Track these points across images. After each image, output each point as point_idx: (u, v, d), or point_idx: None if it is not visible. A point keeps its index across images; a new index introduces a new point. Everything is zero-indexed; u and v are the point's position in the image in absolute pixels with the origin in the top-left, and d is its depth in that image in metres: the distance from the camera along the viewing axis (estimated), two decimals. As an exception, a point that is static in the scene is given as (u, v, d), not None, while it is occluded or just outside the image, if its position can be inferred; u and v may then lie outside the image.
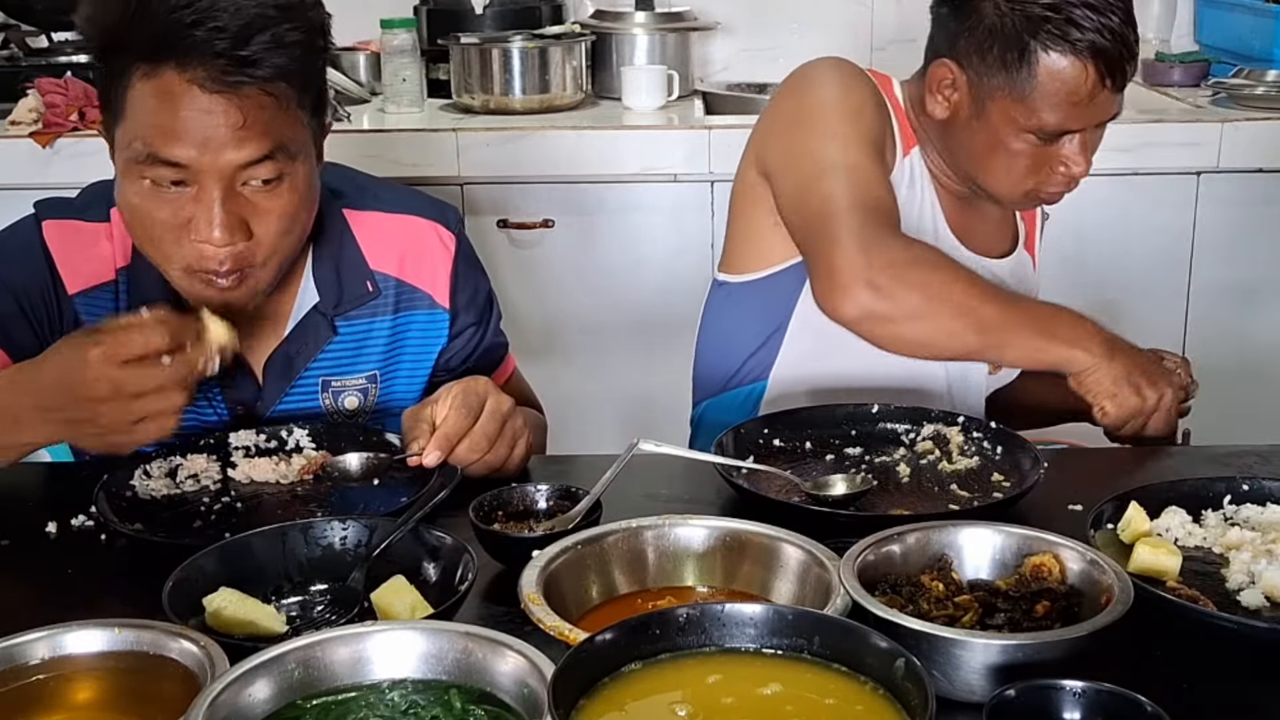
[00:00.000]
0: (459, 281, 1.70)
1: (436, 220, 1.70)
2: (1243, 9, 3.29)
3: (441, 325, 1.70)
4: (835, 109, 1.76)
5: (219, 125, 1.39)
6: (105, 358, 1.31)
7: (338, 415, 1.66)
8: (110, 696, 1.08)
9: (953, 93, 1.76)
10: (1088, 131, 1.73)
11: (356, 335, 1.65)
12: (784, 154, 1.79)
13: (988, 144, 1.74)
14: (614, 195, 2.86)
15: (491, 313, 1.77)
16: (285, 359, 1.63)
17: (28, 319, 1.56)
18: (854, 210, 1.65)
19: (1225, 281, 2.95)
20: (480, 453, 1.47)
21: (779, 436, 1.62)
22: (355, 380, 1.67)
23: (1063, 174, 1.74)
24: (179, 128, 1.39)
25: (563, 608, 1.14)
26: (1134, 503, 1.33)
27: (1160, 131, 2.85)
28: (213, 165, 1.41)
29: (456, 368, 1.72)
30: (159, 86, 1.39)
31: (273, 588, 1.25)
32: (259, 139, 1.41)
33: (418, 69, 3.05)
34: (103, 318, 1.55)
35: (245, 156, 1.41)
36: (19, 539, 1.42)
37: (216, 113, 1.39)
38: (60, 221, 1.59)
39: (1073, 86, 1.67)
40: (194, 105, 1.39)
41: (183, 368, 1.34)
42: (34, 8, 3.09)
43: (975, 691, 1.05)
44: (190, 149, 1.40)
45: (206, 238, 1.43)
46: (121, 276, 1.58)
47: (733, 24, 3.43)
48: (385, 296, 1.66)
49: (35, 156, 2.71)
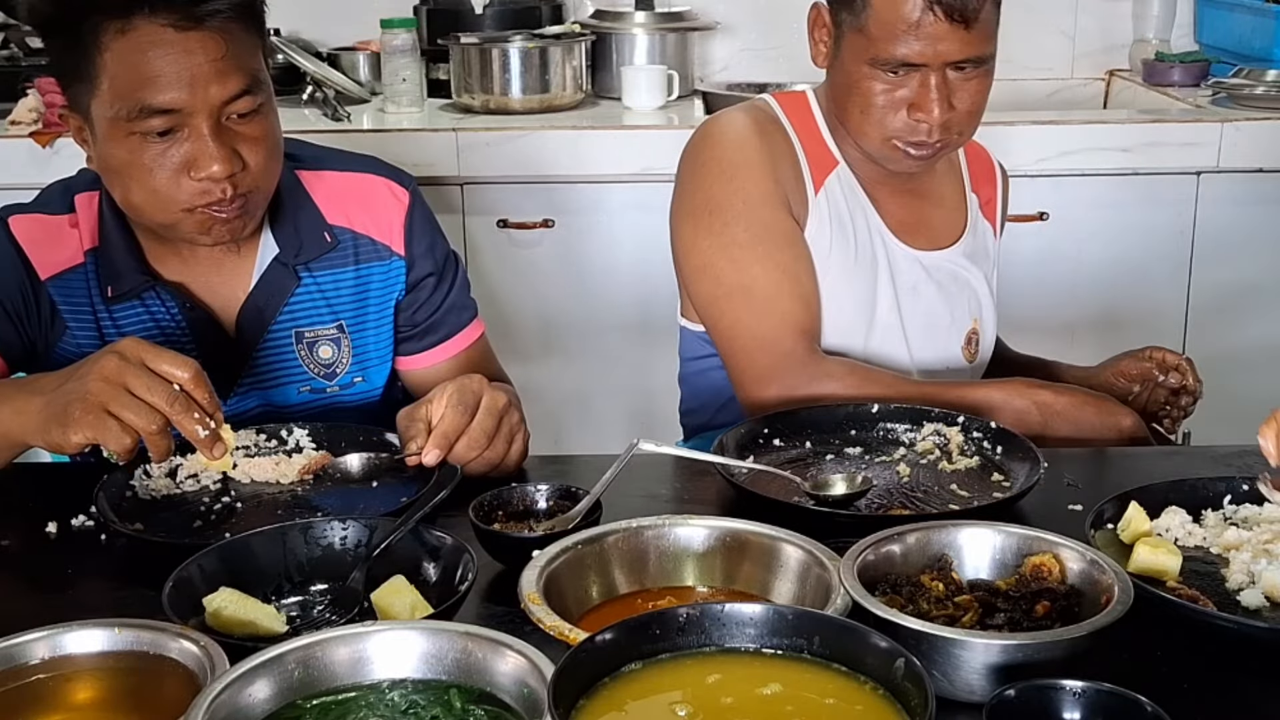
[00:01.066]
0: (414, 232, 1.74)
1: (390, 178, 1.75)
2: (1243, 9, 3.29)
3: (398, 273, 1.73)
4: (725, 206, 1.79)
5: (201, 63, 1.47)
6: (134, 345, 1.34)
7: (314, 366, 1.70)
8: (110, 696, 1.08)
9: (824, 34, 1.80)
10: (937, 74, 1.70)
11: (322, 286, 1.69)
12: (686, 253, 1.84)
13: (845, 85, 1.76)
14: (614, 195, 2.86)
15: (456, 272, 1.80)
16: (255, 311, 1.67)
17: (10, 318, 1.60)
18: (755, 348, 1.75)
19: (1225, 281, 2.95)
20: (479, 449, 1.47)
21: (779, 436, 1.62)
22: (326, 330, 1.71)
23: (918, 120, 1.73)
24: (165, 73, 1.46)
25: (563, 608, 1.14)
26: (1134, 503, 1.33)
27: (1160, 131, 2.85)
28: (203, 103, 1.48)
29: (422, 322, 1.76)
30: (136, 39, 1.45)
31: (273, 588, 1.25)
32: (236, 72, 1.49)
33: (418, 69, 3.05)
34: (76, 299, 1.62)
35: (229, 91, 1.49)
36: (19, 539, 1.42)
37: (196, 51, 1.46)
38: (24, 216, 1.63)
39: (903, 13, 1.68)
40: (175, 47, 1.46)
41: (180, 408, 1.33)
42: (34, 8, 3.08)
43: (975, 691, 1.05)
44: (180, 91, 1.46)
45: (208, 172, 1.49)
46: (90, 258, 1.62)
47: (733, 24, 3.43)
48: (344, 248, 1.70)
49: (35, 156, 2.71)
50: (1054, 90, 3.53)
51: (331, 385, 1.72)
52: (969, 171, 1.98)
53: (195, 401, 1.35)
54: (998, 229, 2.02)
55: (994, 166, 2.03)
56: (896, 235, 1.87)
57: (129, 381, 1.32)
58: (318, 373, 1.71)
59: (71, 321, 1.62)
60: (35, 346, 1.63)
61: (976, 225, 1.96)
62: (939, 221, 1.93)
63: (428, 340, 1.77)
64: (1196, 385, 1.79)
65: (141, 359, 1.33)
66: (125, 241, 1.62)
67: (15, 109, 2.78)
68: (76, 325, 1.62)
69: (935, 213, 1.93)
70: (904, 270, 1.87)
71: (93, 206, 1.63)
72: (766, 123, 1.85)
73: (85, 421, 1.31)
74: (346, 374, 1.72)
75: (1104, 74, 3.55)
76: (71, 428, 1.32)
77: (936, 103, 1.71)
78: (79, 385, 1.33)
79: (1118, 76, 3.51)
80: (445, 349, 1.78)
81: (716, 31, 3.42)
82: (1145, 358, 1.84)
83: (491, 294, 2.75)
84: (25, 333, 1.61)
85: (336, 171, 1.73)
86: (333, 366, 1.71)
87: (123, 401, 1.32)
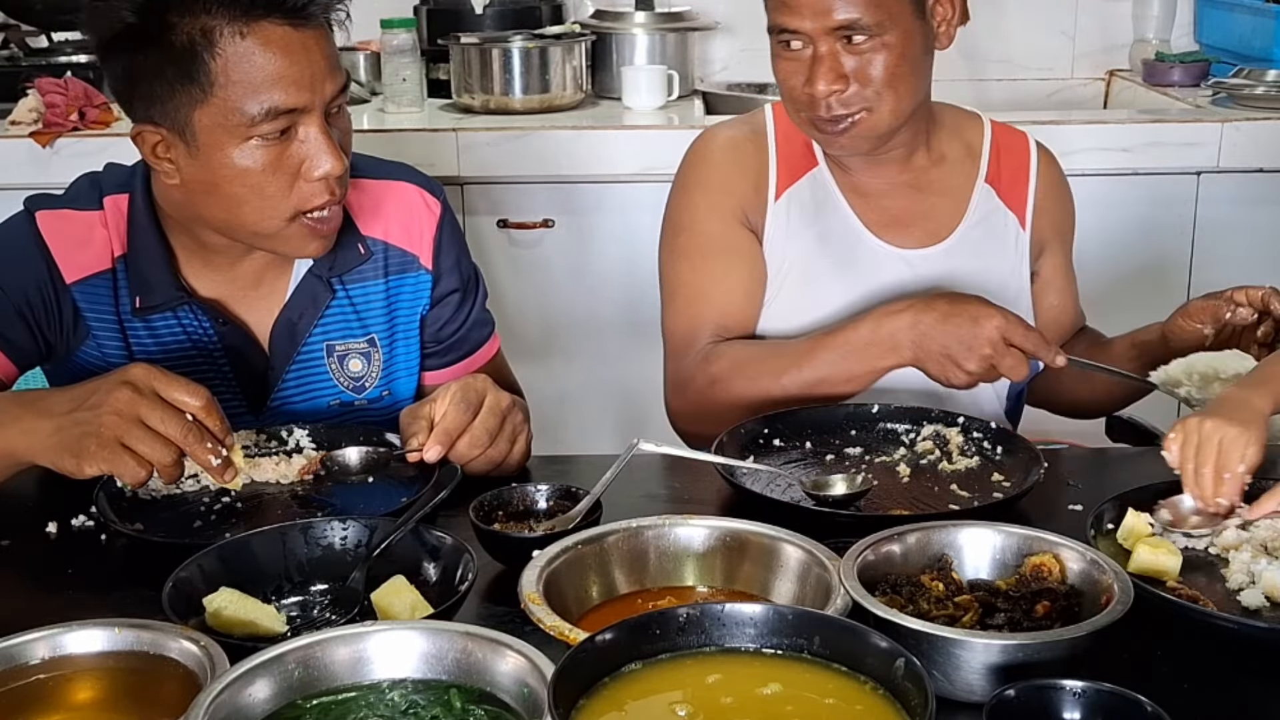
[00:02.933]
0: (443, 246, 1.72)
1: (423, 186, 1.73)
2: (1243, 9, 3.29)
3: (425, 287, 1.71)
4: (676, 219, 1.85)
5: (318, 59, 1.45)
6: (146, 373, 1.33)
7: (344, 380, 1.68)
8: (110, 696, 1.08)
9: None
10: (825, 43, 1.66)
11: (354, 299, 1.67)
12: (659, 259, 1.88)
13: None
14: (614, 195, 2.86)
15: (478, 287, 1.79)
16: (289, 325, 1.64)
17: (25, 320, 1.56)
18: (672, 353, 1.83)
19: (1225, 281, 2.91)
20: (481, 447, 1.47)
21: (779, 436, 1.62)
22: (357, 343, 1.68)
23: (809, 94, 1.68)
24: (289, 73, 1.43)
25: (563, 608, 1.14)
26: (1131, 510, 1.32)
27: (1160, 131, 2.85)
28: (320, 101, 1.46)
29: (446, 339, 1.74)
30: (256, 41, 1.42)
31: (273, 588, 1.25)
32: (339, 67, 1.49)
33: (418, 69, 3.05)
34: (101, 306, 1.57)
35: (338, 85, 1.48)
36: (19, 539, 1.42)
37: (313, 48, 1.45)
38: (53, 211, 1.58)
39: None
40: (295, 45, 1.43)
41: (193, 439, 1.34)
42: (34, 8, 3.09)
43: (975, 691, 1.05)
44: (305, 91, 1.44)
45: (326, 170, 1.47)
46: (119, 265, 1.58)
47: (733, 24, 3.43)
48: (376, 260, 1.68)
49: (35, 156, 2.71)
50: (1054, 90, 3.52)
51: (360, 399, 1.69)
52: (989, 161, 1.87)
53: (207, 430, 1.35)
54: (1026, 221, 1.86)
55: (1029, 156, 1.89)
56: (878, 233, 1.82)
57: (143, 414, 1.32)
58: (347, 386, 1.68)
59: (96, 328, 1.58)
60: (54, 349, 1.59)
61: (990, 218, 1.85)
62: (940, 214, 1.85)
63: (450, 357, 1.75)
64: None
65: (154, 388, 1.33)
66: (159, 252, 1.57)
67: (15, 109, 2.78)
68: (101, 332, 1.58)
69: (936, 205, 1.85)
70: (887, 269, 1.82)
71: (121, 210, 1.58)
72: (744, 136, 1.85)
73: (100, 456, 1.32)
74: (375, 388, 1.70)
75: (1104, 74, 3.55)
76: (86, 460, 1.33)
77: (822, 75, 1.66)
78: (92, 417, 1.32)
79: (1118, 76, 3.51)
80: (466, 365, 1.76)
81: (716, 31, 3.42)
82: (1221, 296, 1.74)
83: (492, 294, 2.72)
84: (42, 335, 1.57)
85: (371, 179, 1.69)
86: (362, 380, 1.69)
87: (137, 435, 1.32)
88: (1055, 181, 1.92)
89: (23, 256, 1.56)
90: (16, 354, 1.57)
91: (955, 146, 1.86)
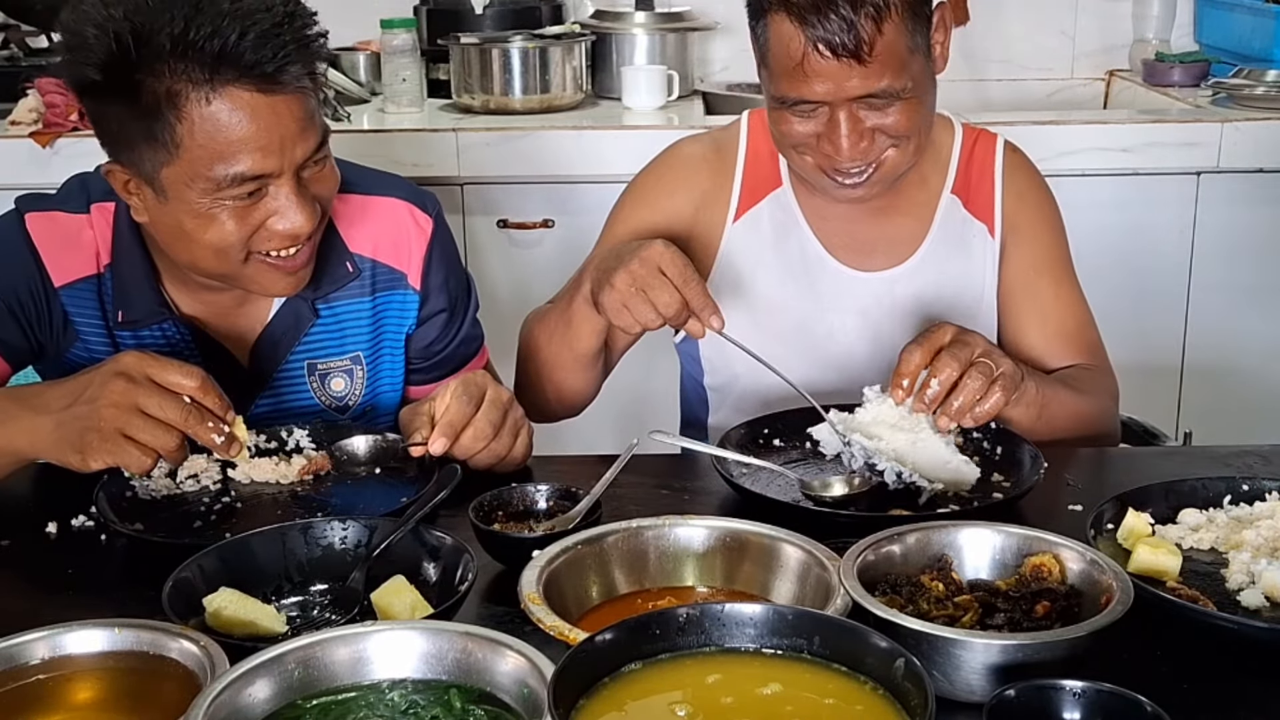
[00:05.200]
0: (432, 265, 1.70)
1: (413, 203, 1.70)
2: (1243, 9, 3.29)
3: (412, 306, 1.70)
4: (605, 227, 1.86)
5: (288, 125, 1.41)
6: (138, 361, 1.33)
7: (326, 398, 1.67)
8: (110, 696, 1.08)
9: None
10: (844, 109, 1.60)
11: (338, 317, 1.66)
12: None
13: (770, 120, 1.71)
14: (614, 195, 2.83)
15: (469, 303, 1.78)
16: (270, 344, 1.64)
17: (16, 319, 1.56)
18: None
19: (1225, 281, 2.95)
20: (485, 440, 1.47)
21: (779, 436, 1.62)
22: (340, 362, 1.67)
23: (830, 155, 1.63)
24: (254, 141, 1.39)
25: (563, 608, 1.14)
26: (1131, 510, 1.32)
27: (1160, 131, 2.85)
28: (290, 164, 1.42)
29: (433, 356, 1.73)
30: (222, 107, 1.37)
31: (273, 588, 1.25)
32: (313, 128, 1.45)
33: (418, 69, 3.05)
34: (88, 311, 1.58)
35: (310, 147, 1.44)
36: (19, 539, 1.42)
37: (283, 114, 1.40)
38: (42, 213, 1.58)
39: (790, 51, 1.58)
40: (263, 112, 1.39)
41: (194, 420, 1.35)
42: (34, 8, 3.08)
43: (975, 691, 1.05)
44: (273, 157, 1.41)
45: (293, 227, 1.44)
46: (107, 273, 1.58)
47: (733, 24, 3.42)
48: (363, 278, 1.66)
49: (35, 156, 2.71)
50: (1054, 90, 3.52)
51: (343, 419, 1.68)
52: (957, 170, 1.81)
53: (206, 408, 1.35)
54: (995, 229, 1.80)
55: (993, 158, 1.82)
56: (839, 257, 1.78)
57: (140, 402, 1.32)
58: (329, 405, 1.67)
59: (84, 332, 1.58)
60: (44, 350, 1.59)
61: (956, 231, 1.79)
62: (903, 234, 1.79)
63: (436, 373, 1.74)
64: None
65: (148, 375, 1.33)
66: (142, 268, 1.57)
67: (15, 109, 2.78)
68: (90, 336, 1.58)
69: (901, 225, 1.79)
70: (847, 293, 1.78)
71: (108, 220, 1.57)
72: (708, 153, 1.83)
73: (104, 449, 1.33)
74: (358, 407, 1.69)
75: (1104, 74, 3.55)
76: (90, 455, 1.34)
77: (846, 137, 1.61)
78: (90, 411, 1.33)
79: (1118, 77, 3.51)
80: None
81: (716, 31, 3.42)
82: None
83: (492, 294, 2.74)
84: (34, 335, 1.57)
85: (359, 195, 1.67)
86: (344, 399, 1.68)
87: (137, 425, 1.32)
88: (1025, 183, 1.83)
89: (13, 258, 1.56)
90: (10, 353, 1.57)
91: (924, 159, 1.76)
